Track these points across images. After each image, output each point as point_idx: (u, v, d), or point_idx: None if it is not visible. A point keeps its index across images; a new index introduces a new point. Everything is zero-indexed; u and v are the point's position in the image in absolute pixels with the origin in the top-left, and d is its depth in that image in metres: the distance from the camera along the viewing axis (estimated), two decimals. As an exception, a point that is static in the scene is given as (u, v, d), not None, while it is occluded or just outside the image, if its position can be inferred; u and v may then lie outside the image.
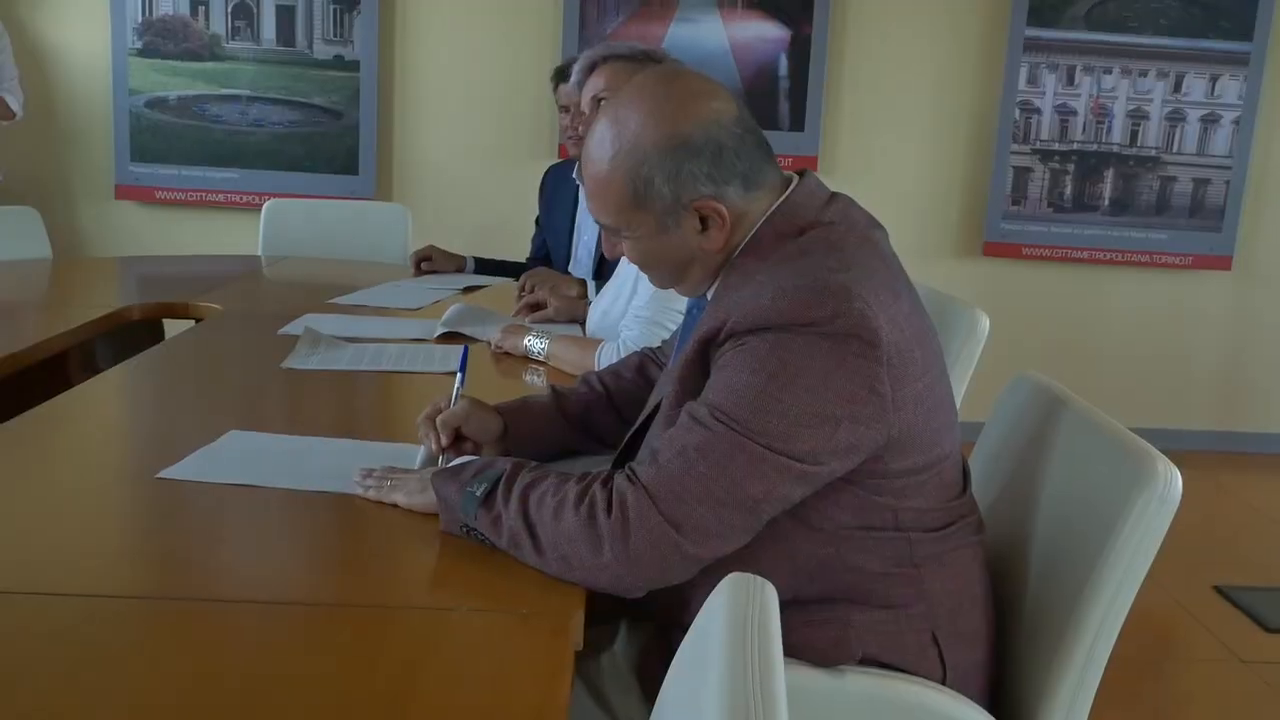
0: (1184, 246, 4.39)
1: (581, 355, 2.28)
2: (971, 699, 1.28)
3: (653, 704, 1.28)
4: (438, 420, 1.46)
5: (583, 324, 2.56)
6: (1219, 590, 3.22)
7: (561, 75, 3.01)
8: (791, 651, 1.01)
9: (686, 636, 0.92)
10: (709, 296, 1.35)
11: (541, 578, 1.16)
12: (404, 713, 0.89)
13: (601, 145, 1.29)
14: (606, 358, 2.24)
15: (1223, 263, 4.41)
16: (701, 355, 1.26)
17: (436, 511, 1.28)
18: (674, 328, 2.16)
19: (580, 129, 2.41)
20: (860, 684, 1.22)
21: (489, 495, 1.21)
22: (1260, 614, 3.09)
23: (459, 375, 1.56)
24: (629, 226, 1.31)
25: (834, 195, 1.34)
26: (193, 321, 2.77)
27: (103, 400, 1.87)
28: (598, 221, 1.36)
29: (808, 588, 1.24)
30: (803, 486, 1.18)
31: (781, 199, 1.30)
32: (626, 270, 2.36)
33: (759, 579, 0.88)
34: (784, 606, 0.84)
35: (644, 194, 1.27)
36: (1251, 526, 3.81)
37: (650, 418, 1.37)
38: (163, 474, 1.39)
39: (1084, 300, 4.47)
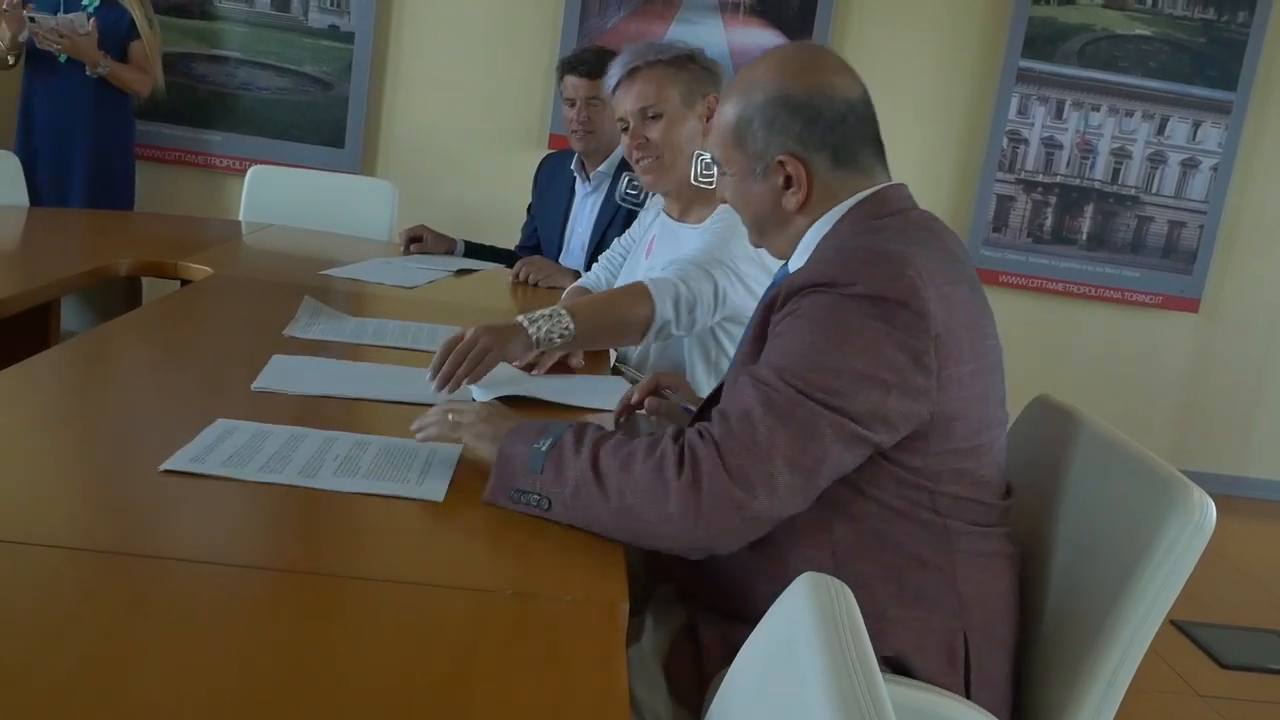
0: (1155, 286, 4.47)
1: (626, 308, 1.89)
2: (994, 713, 1.27)
3: (679, 701, 1.27)
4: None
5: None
6: (1176, 625, 3.28)
7: (569, 67, 2.96)
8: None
9: (755, 635, 0.90)
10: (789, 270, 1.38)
11: (582, 564, 1.14)
12: (468, 693, 0.87)
13: (733, 86, 1.42)
14: (662, 296, 1.90)
15: (1191, 305, 4.50)
16: (764, 320, 1.30)
17: (486, 459, 1.29)
18: (742, 286, 2.02)
19: (635, 151, 2.22)
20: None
21: (555, 447, 1.23)
22: (1216, 651, 3.15)
23: None
24: (727, 163, 1.42)
25: (920, 209, 1.39)
26: (176, 282, 2.71)
27: (107, 354, 1.82)
28: (711, 154, 1.46)
29: (844, 564, 1.24)
30: (855, 451, 1.20)
31: (873, 190, 1.36)
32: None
33: (836, 581, 0.87)
34: None
35: (744, 134, 1.38)
36: (1207, 565, 3.87)
37: (721, 385, 1.40)
38: (256, 386, 1.60)
39: (1054, 331, 4.52)
